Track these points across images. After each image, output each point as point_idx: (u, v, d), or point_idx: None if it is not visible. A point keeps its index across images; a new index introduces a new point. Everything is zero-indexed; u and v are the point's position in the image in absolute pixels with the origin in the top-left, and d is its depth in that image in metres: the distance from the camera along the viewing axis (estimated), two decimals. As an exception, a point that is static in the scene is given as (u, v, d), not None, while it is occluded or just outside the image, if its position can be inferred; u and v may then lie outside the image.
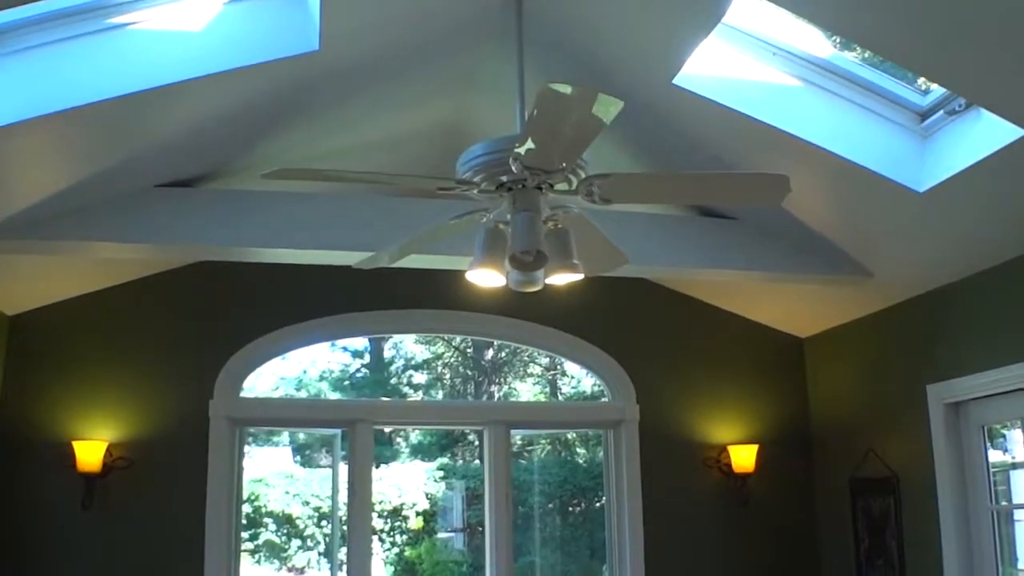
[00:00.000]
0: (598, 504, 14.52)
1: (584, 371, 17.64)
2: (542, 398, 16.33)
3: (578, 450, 17.61)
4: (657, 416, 5.80)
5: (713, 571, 5.73)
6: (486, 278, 2.98)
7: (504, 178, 2.80)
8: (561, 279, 3.01)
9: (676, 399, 5.86)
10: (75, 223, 4.16)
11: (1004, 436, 5.04)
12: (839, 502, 5.66)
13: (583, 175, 2.80)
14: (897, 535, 5.16)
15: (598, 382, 6.07)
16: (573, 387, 18.39)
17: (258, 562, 13.30)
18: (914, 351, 5.08)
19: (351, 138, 4.73)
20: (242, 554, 5.51)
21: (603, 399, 6.12)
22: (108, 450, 5.03)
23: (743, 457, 5.72)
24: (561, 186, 2.86)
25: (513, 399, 15.32)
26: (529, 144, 2.48)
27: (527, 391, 18.67)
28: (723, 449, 5.79)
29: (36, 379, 5.08)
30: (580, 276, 2.99)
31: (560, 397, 15.62)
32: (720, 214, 4.99)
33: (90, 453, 4.94)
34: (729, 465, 5.75)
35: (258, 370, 5.47)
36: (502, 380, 18.84)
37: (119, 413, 5.13)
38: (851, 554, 5.54)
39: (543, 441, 16.47)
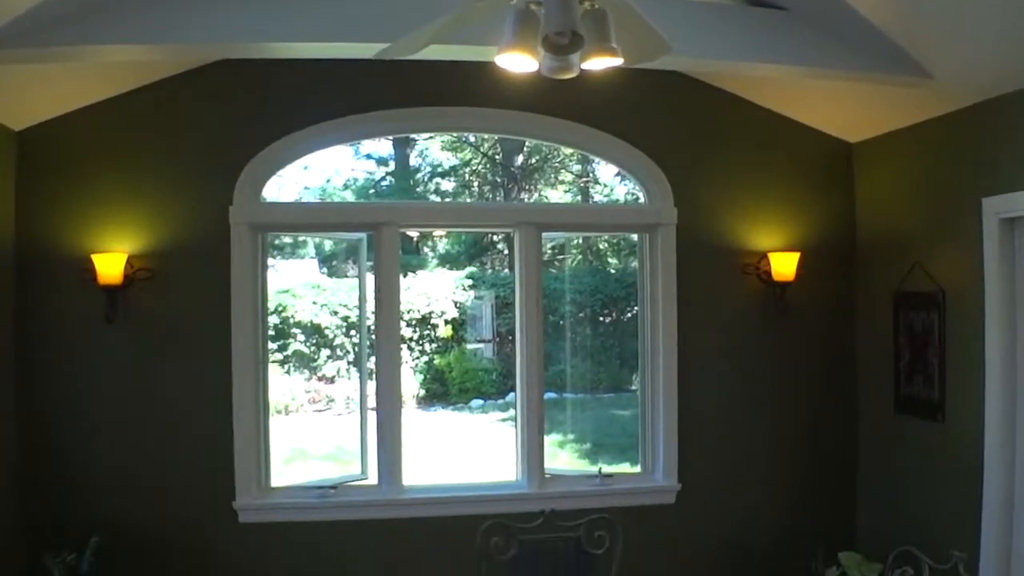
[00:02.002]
0: (629, 314, 14.70)
1: (617, 179, 17.59)
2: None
3: (609, 260, 17.70)
4: (695, 220, 5.67)
5: (748, 382, 5.77)
6: (517, 63, 2.81)
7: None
8: (598, 64, 2.83)
9: (715, 203, 5.72)
10: (78, 26, 3.96)
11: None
12: (881, 316, 5.61)
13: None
14: (939, 352, 5.13)
15: (631, 190, 5.95)
16: (605, 195, 18.31)
17: (287, 372, 13.66)
18: (972, 161, 4.89)
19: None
20: (271, 365, 5.58)
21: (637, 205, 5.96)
22: (128, 262, 5.02)
23: (783, 265, 5.62)
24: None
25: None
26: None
27: (558, 199, 18.59)
28: (763, 256, 5.70)
29: (50, 195, 5.02)
30: (619, 61, 2.81)
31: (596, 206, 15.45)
32: (769, 3, 4.72)
33: (110, 266, 4.94)
34: (768, 273, 5.67)
35: (280, 180, 5.41)
36: (532, 187, 18.75)
37: (137, 224, 5.09)
38: (890, 369, 5.54)
39: (574, 251, 16.54)
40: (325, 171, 17.72)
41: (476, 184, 19.04)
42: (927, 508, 5.21)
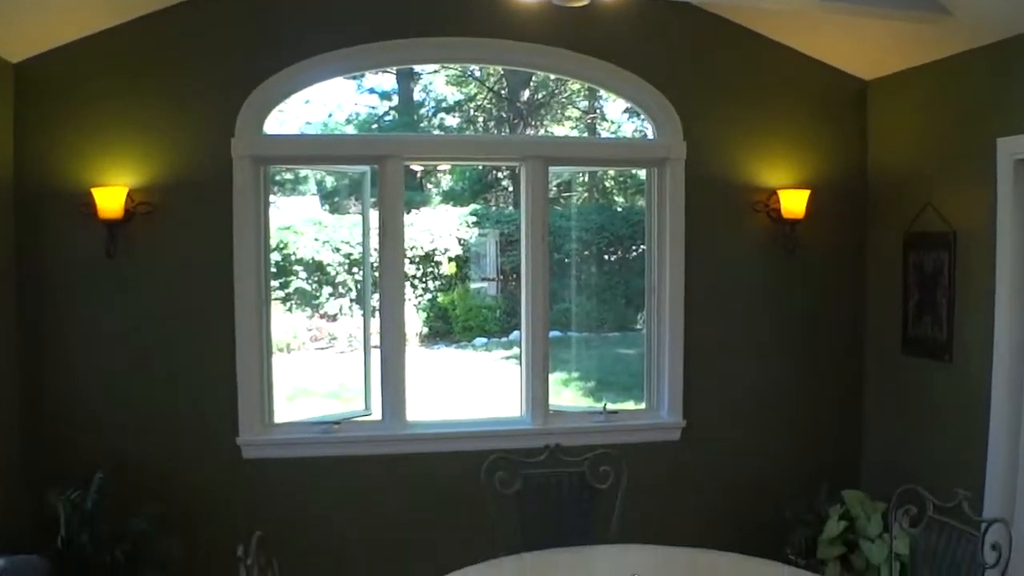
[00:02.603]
0: (635, 253, 14.74)
1: (625, 115, 17.51)
2: (581, 143, 16.12)
3: (616, 198, 17.68)
4: (704, 156, 5.66)
5: (754, 320, 5.81)
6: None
7: None
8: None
9: (725, 138, 5.70)
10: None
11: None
12: (891, 256, 5.64)
13: None
14: (948, 292, 5.16)
15: (639, 127, 5.93)
16: (613, 132, 18.24)
17: (289, 310, 13.72)
18: (988, 101, 4.88)
19: None
20: (273, 302, 5.61)
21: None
22: (129, 196, 5.02)
23: (793, 203, 5.63)
24: None
25: (550, 143, 15.11)
26: None
27: (564, 135, 18.53)
28: (772, 193, 5.70)
29: (49, 128, 5.01)
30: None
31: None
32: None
33: (110, 200, 4.95)
34: (778, 211, 5.67)
35: (282, 115, 5.37)
36: (538, 123, 18.68)
37: (137, 158, 5.08)
38: (898, 309, 5.58)
39: (580, 188, 16.53)
40: (327, 105, 17.64)
41: (481, 119, 18.97)
42: (933, 448, 5.29)
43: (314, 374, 11.85)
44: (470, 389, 11.71)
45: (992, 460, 4.83)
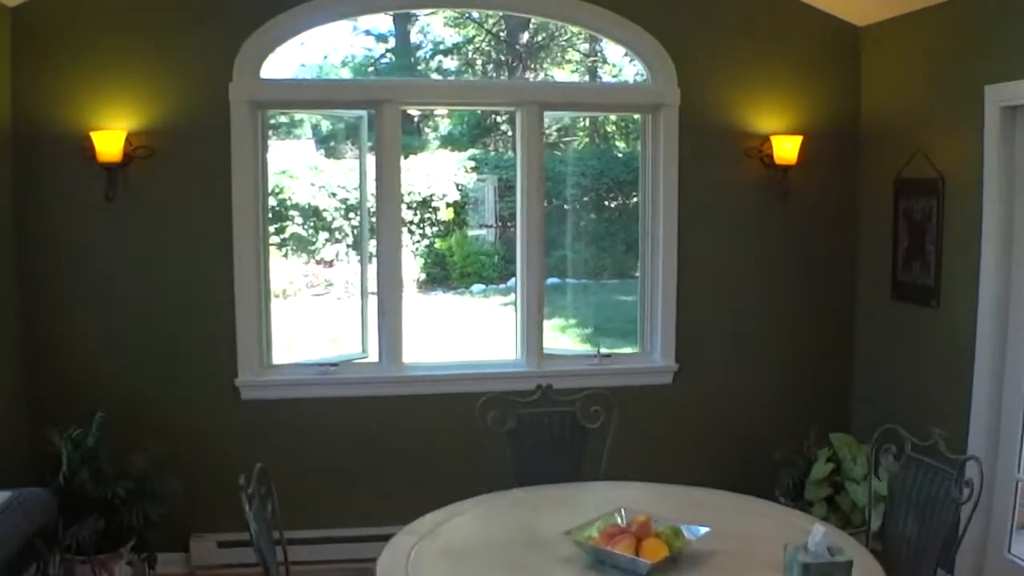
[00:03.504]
0: (635, 199, 14.70)
1: (627, 59, 17.47)
2: (582, 85, 16.10)
3: (617, 143, 17.71)
4: (698, 102, 5.81)
5: (747, 265, 6.00)
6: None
7: None
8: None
9: (719, 84, 5.84)
10: None
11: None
12: (882, 202, 5.80)
13: None
14: (936, 239, 5.33)
15: (641, 71, 6.04)
16: (614, 75, 18.21)
17: (285, 256, 13.82)
18: (977, 47, 5.01)
19: None
20: (270, 248, 5.79)
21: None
22: (128, 139, 5.17)
23: (786, 148, 5.78)
24: None
25: (550, 84, 15.15)
26: None
27: (564, 78, 18.50)
28: (766, 139, 5.85)
29: (46, 71, 5.15)
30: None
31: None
32: None
33: (109, 143, 5.10)
34: (771, 156, 5.83)
35: (277, 58, 5.48)
36: (538, 66, 18.64)
37: (135, 101, 5.23)
38: (888, 256, 5.76)
39: (580, 133, 16.55)
40: (322, 48, 17.58)
41: (480, 62, 18.93)
42: (920, 391, 5.49)
43: (311, 320, 12.00)
44: (467, 335, 11.90)
45: (976, 402, 5.03)
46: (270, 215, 5.82)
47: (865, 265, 6.07)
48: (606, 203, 15.00)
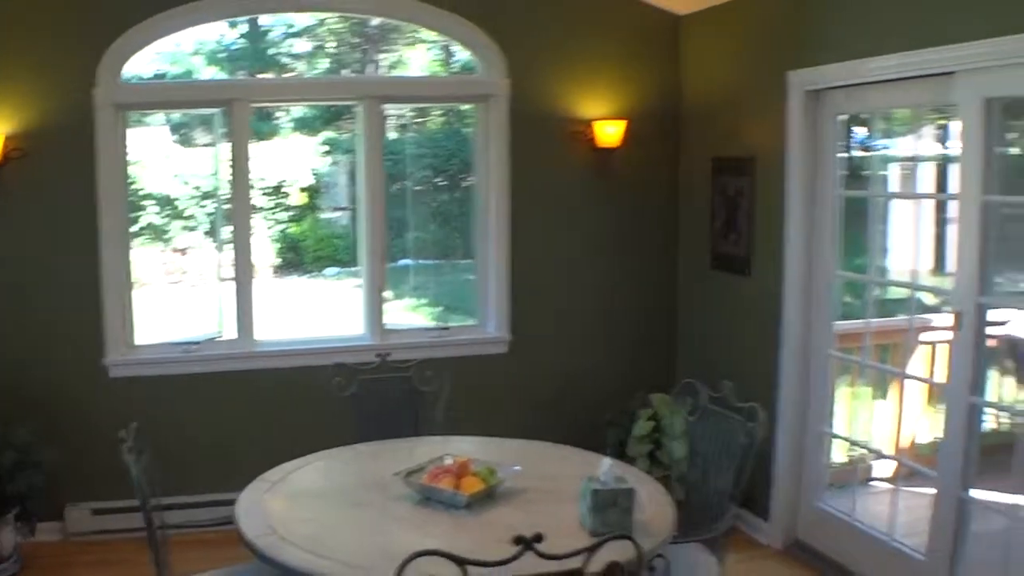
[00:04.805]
0: (483, 180, 14.97)
1: (477, 40, 17.68)
2: (437, 66, 16.32)
3: (468, 124, 17.93)
4: (527, 90, 6.17)
5: (577, 242, 6.45)
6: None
7: None
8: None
9: (547, 73, 6.22)
10: None
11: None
12: (700, 180, 6.29)
13: None
14: (748, 212, 5.83)
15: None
16: (469, 55, 18.44)
17: (141, 244, 13.74)
18: (782, 36, 5.51)
19: None
20: (130, 238, 6.07)
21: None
22: (5, 142, 5.40)
23: (608, 133, 6.20)
24: None
25: (402, 68, 15.41)
26: None
27: (419, 60, 18.63)
28: (591, 124, 6.27)
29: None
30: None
31: (456, 65, 15.66)
32: None
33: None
34: (597, 140, 6.25)
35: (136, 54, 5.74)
36: (389, 48, 18.74)
37: (9, 107, 5.46)
38: (706, 229, 6.26)
39: (435, 113, 16.74)
40: (175, 35, 17.34)
41: (334, 44, 18.94)
42: (737, 354, 6.00)
43: (168, 308, 12.02)
44: (320, 316, 12.11)
45: (785, 362, 5.57)
46: (127, 206, 6.07)
47: (686, 238, 6.57)
48: (459, 184, 15.26)
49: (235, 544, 3.43)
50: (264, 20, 18.70)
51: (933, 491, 4.70)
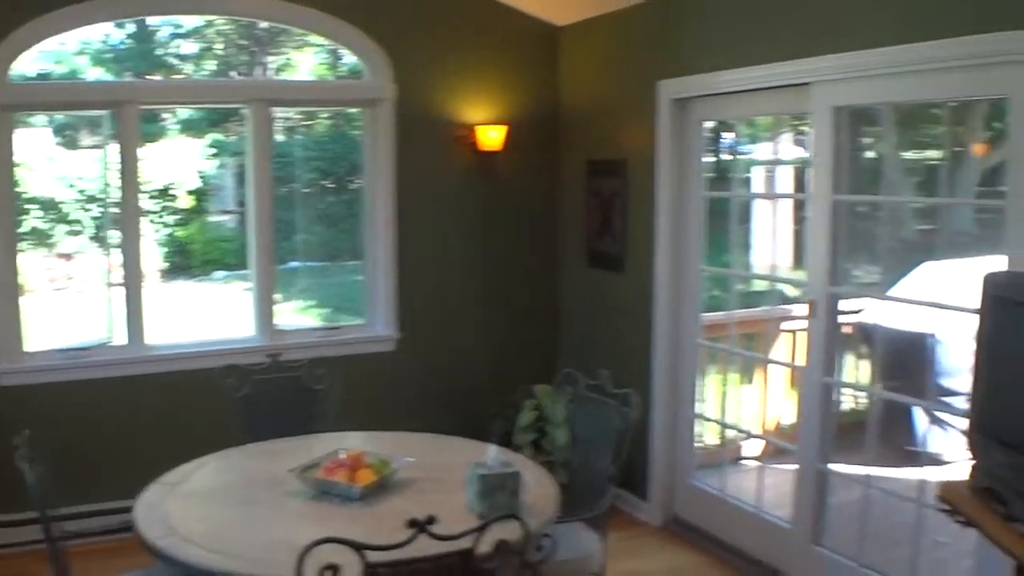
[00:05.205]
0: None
1: (365, 43, 17.79)
2: (324, 70, 16.34)
3: (355, 123, 17.99)
4: (412, 95, 6.40)
5: (462, 242, 6.72)
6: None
7: None
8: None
9: (432, 79, 6.46)
10: None
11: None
12: (577, 183, 6.63)
13: None
14: (622, 212, 6.18)
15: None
16: (357, 60, 18.51)
17: (23, 250, 13.44)
18: (653, 48, 5.86)
19: None
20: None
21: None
22: None
23: (490, 137, 6.50)
24: None
25: (291, 71, 15.42)
26: None
27: (307, 62, 18.64)
28: (474, 128, 6.55)
29: None
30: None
31: (344, 69, 15.72)
32: None
33: None
34: (479, 144, 6.54)
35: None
36: (277, 50, 18.72)
37: None
38: (584, 228, 6.61)
39: (323, 116, 16.78)
40: (60, 35, 17.02)
41: (222, 46, 18.84)
42: (614, 345, 6.36)
43: (55, 314, 11.87)
44: (210, 319, 12.12)
45: (657, 352, 5.96)
46: (8, 210, 6.06)
47: (565, 238, 6.90)
48: (348, 186, 15.36)
49: (137, 551, 3.50)
50: (151, 20, 18.52)
51: (796, 466, 5.12)
